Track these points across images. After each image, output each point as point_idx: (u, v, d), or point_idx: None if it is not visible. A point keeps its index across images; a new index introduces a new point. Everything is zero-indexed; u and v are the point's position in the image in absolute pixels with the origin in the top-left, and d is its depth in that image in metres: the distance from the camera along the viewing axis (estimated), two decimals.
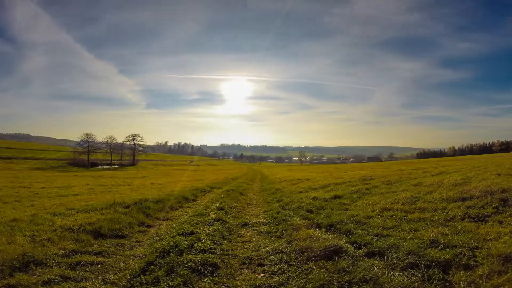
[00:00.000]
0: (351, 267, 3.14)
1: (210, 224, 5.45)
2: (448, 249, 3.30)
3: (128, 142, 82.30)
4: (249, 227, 5.64)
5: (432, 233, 3.83)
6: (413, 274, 2.88)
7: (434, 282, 2.69)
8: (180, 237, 4.38)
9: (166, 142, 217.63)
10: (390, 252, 3.42)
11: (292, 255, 3.78)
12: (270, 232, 5.11)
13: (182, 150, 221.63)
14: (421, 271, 2.91)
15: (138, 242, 4.62)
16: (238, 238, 4.84)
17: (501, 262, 2.79)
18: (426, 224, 4.44)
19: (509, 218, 4.15)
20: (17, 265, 3.26)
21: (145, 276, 3.13)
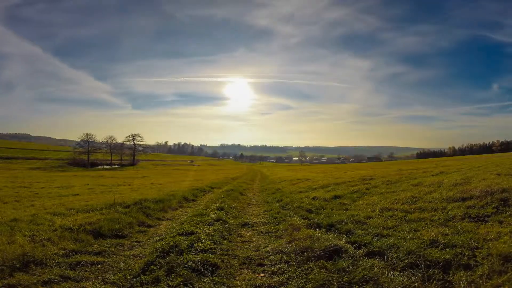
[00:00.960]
0: (351, 267, 3.14)
1: (210, 224, 5.45)
2: (448, 249, 3.30)
3: (128, 142, 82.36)
4: (249, 227, 5.64)
5: (432, 233, 3.83)
6: (413, 274, 2.88)
7: (434, 282, 2.69)
8: (180, 237, 4.38)
9: (166, 142, 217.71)
10: (390, 252, 3.42)
11: (292, 255, 3.78)
12: (270, 232, 5.11)
13: (182, 150, 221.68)
14: (421, 271, 2.91)
15: (138, 242, 4.61)
16: (238, 238, 4.84)
17: (501, 262, 2.79)
18: (426, 224, 4.44)
19: (509, 218, 4.14)
20: (17, 265, 3.26)
21: (145, 276, 3.13)
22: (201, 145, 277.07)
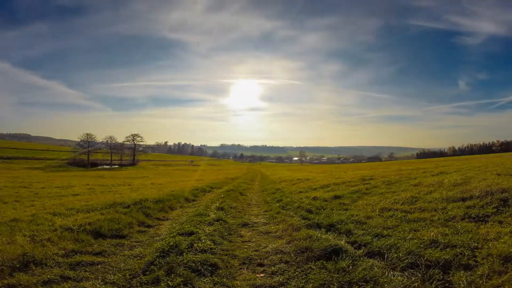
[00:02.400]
0: (351, 267, 3.14)
1: (210, 224, 5.45)
2: (448, 249, 3.30)
3: (128, 142, 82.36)
4: (249, 227, 5.64)
5: (432, 233, 3.83)
6: (413, 274, 2.88)
7: (434, 282, 2.69)
8: (180, 237, 4.38)
9: (166, 142, 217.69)
10: (390, 252, 3.42)
11: (292, 255, 3.78)
12: (270, 232, 5.11)
13: (182, 150, 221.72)
14: (421, 271, 2.91)
15: (138, 242, 4.61)
16: (238, 238, 4.84)
17: (501, 262, 2.79)
18: (426, 224, 4.44)
19: (509, 218, 4.15)
20: (17, 265, 3.26)
21: (145, 276, 3.13)
22: (201, 145, 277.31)
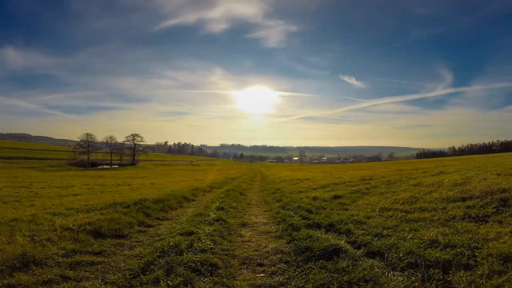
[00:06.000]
0: (351, 267, 3.14)
1: (210, 224, 5.45)
2: (448, 249, 3.30)
3: (128, 142, 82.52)
4: (249, 227, 5.64)
5: (432, 233, 3.83)
6: (413, 274, 2.88)
7: (434, 282, 2.69)
8: (180, 237, 4.38)
9: (166, 142, 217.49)
10: (390, 252, 3.42)
11: (292, 255, 3.78)
12: (270, 232, 5.11)
13: (182, 150, 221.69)
14: (421, 271, 2.91)
15: (138, 242, 4.61)
16: (238, 238, 4.85)
17: (501, 262, 2.79)
18: (426, 224, 4.44)
19: (509, 218, 4.15)
20: (17, 265, 3.26)
21: (145, 276, 3.13)
22: (201, 145, 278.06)
